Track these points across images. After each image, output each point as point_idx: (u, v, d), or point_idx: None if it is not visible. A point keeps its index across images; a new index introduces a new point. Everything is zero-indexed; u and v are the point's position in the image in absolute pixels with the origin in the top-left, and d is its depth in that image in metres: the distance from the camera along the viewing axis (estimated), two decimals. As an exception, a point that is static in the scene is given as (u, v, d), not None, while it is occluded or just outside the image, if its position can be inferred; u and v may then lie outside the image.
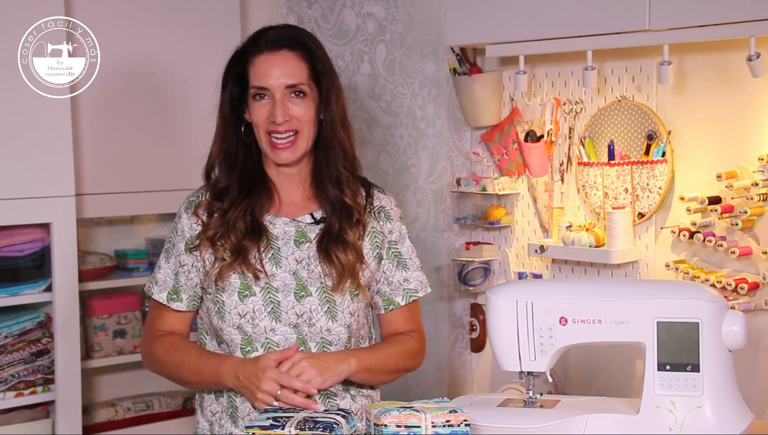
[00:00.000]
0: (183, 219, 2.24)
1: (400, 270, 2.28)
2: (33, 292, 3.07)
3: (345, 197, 2.22)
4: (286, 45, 2.17)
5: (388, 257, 2.27)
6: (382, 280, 2.28)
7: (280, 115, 2.14)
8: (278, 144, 2.17)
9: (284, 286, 2.17)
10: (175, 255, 2.23)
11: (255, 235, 2.18)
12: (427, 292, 2.32)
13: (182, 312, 2.25)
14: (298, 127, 2.17)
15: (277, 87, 2.15)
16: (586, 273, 2.82)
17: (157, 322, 2.27)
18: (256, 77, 2.16)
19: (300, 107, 2.16)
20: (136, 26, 3.22)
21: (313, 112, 2.18)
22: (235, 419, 2.19)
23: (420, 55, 3.23)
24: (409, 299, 2.29)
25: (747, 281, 2.44)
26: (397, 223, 2.29)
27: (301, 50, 2.18)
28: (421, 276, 2.31)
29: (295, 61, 2.17)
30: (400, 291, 2.28)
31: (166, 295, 2.24)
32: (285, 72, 2.15)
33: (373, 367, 2.20)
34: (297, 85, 2.16)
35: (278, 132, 2.16)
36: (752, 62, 2.33)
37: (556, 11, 2.61)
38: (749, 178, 2.44)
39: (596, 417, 2.08)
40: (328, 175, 2.22)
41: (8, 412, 3.05)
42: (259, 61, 2.16)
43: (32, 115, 2.95)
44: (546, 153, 2.85)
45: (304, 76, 2.17)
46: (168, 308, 2.25)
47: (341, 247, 2.18)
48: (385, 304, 2.29)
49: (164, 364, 2.23)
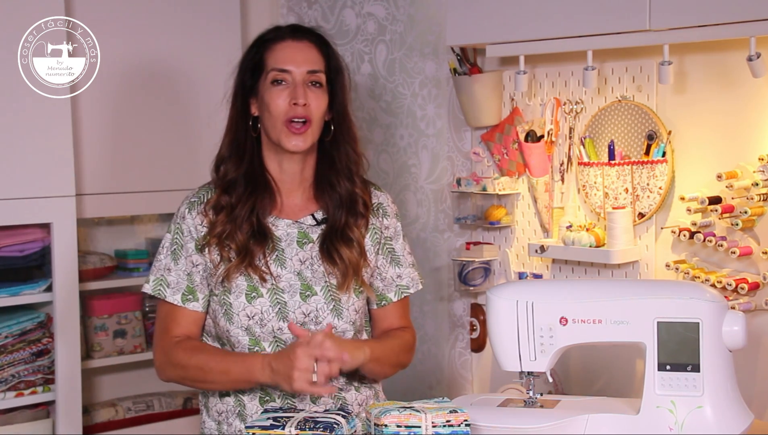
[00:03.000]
0: (187, 219, 2.23)
1: (394, 266, 2.30)
2: (33, 292, 3.07)
3: (356, 188, 2.24)
4: (308, 36, 2.23)
5: (383, 253, 2.29)
6: (375, 276, 2.29)
7: (300, 97, 2.16)
8: (296, 128, 2.17)
9: (290, 287, 2.18)
10: (184, 256, 2.21)
11: (261, 238, 2.19)
12: (418, 289, 2.34)
13: (198, 313, 2.22)
14: (313, 116, 2.18)
15: (298, 71, 2.18)
16: (586, 273, 2.82)
17: (172, 327, 2.22)
18: (278, 60, 2.19)
19: (317, 97, 2.19)
20: (136, 26, 3.22)
21: (325, 105, 2.21)
22: (243, 418, 2.19)
23: (420, 55, 3.23)
24: (400, 295, 2.31)
25: (747, 281, 2.44)
26: (393, 219, 2.31)
27: (321, 44, 2.24)
28: (413, 273, 2.33)
29: (315, 52, 2.22)
30: (392, 287, 2.30)
31: (180, 297, 2.21)
32: (307, 58, 2.20)
33: (381, 359, 2.21)
34: (316, 73, 2.19)
35: (297, 116, 2.16)
36: (752, 62, 2.33)
37: (556, 11, 2.61)
38: (749, 178, 2.44)
39: (596, 417, 2.08)
40: (340, 169, 2.24)
41: (8, 412, 3.05)
42: (282, 46, 2.21)
43: (32, 115, 2.95)
44: (546, 153, 2.85)
45: (323, 68, 2.22)
46: (182, 311, 2.21)
47: (345, 244, 2.20)
48: (378, 299, 2.30)
49: (188, 367, 2.18)
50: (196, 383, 2.22)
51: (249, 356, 2.15)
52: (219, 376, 2.16)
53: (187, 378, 2.21)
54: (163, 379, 2.26)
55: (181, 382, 2.25)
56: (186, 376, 2.20)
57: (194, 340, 2.23)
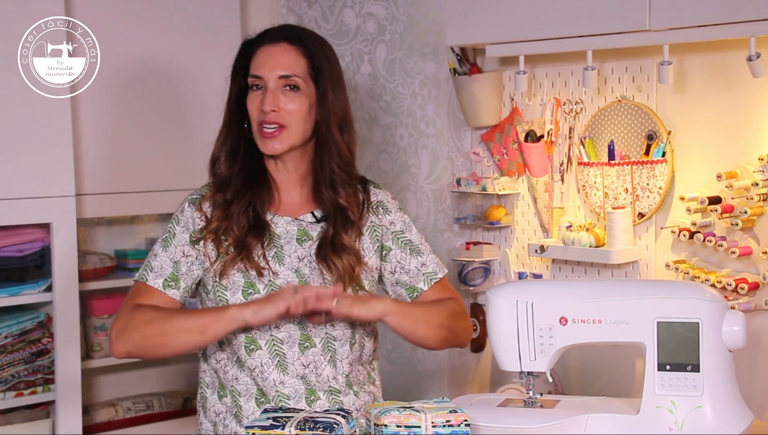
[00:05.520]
0: (186, 212, 2.23)
1: (415, 256, 2.29)
2: (33, 292, 3.07)
3: (339, 198, 2.22)
4: (286, 38, 2.20)
5: (399, 247, 2.28)
6: (397, 270, 2.28)
7: (268, 104, 2.15)
8: (266, 132, 2.17)
9: (287, 284, 2.17)
10: (175, 244, 2.21)
11: (258, 231, 2.19)
12: (444, 273, 2.31)
13: (174, 300, 2.19)
14: (286, 121, 2.17)
15: (270, 77, 2.17)
16: (586, 273, 2.82)
17: (140, 299, 2.16)
18: (254, 66, 2.19)
19: (292, 102, 2.17)
20: (136, 26, 3.22)
21: (305, 108, 2.18)
22: (239, 419, 2.19)
23: (420, 55, 3.23)
24: (430, 283, 2.29)
25: (747, 281, 2.44)
26: (397, 214, 2.31)
27: (301, 45, 2.20)
28: (435, 258, 2.32)
29: (293, 55, 2.19)
30: (420, 277, 2.28)
31: (162, 282, 2.19)
32: (280, 63, 2.17)
33: (411, 314, 2.18)
34: (290, 78, 2.17)
35: (266, 121, 2.16)
36: (752, 62, 2.33)
37: (556, 11, 2.61)
38: (749, 178, 2.44)
39: (596, 417, 2.08)
40: (322, 176, 2.22)
41: (8, 412, 3.05)
42: (260, 51, 2.20)
43: (32, 115, 2.95)
44: (546, 153, 2.85)
45: (301, 70, 2.18)
46: (159, 293, 2.18)
47: (338, 254, 2.19)
48: (409, 292, 2.29)
49: (152, 322, 2.09)
50: (157, 347, 2.11)
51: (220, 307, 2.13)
52: (185, 322, 2.10)
53: (148, 336, 2.10)
54: (120, 350, 2.13)
55: (138, 351, 2.13)
56: (147, 333, 2.10)
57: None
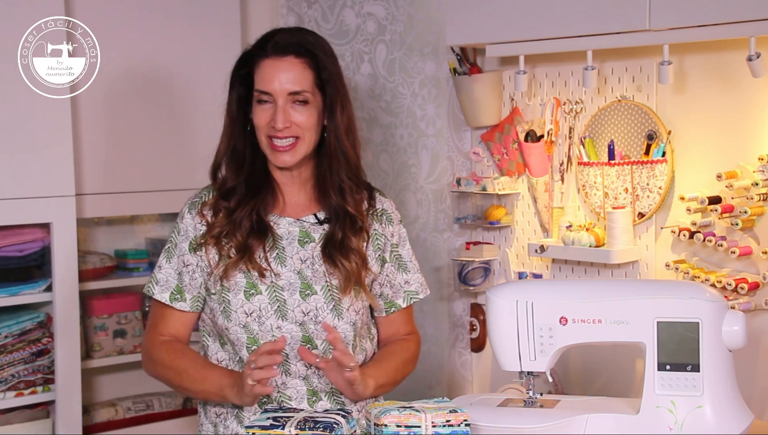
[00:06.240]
0: (186, 219, 2.23)
1: (402, 272, 2.30)
2: (33, 292, 3.07)
3: (347, 206, 2.22)
4: (293, 51, 2.16)
5: (391, 260, 2.29)
6: (385, 283, 2.29)
7: (280, 122, 2.14)
8: (278, 147, 2.16)
9: (289, 285, 2.18)
10: (177, 254, 2.23)
11: (260, 234, 2.19)
12: (426, 294, 2.35)
13: (185, 313, 2.23)
14: (299, 133, 2.16)
15: (279, 93, 2.14)
16: (586, 273, 2.82)
17: (160, 325, 2.25)
18: (261, 81, 2.16)
19: (302, 115, 2.16)
20: (136, 26, 3.22)
21: (315, 119, 2.18)
22: (240, 419, 2.20)
23: (420, 55, 3.23)
24: (409, 301, 2.32)
25: (747, 281, 2.44)
26: (398, 226, 2.31)
27: (308, 57, 2.17)
28: (421, 278, 2.34)
29: (300, 68, 2.16)
30: (401, 293, 2.31)
31: (168, 295, 2.22)
32: (289, 78, 2.14)
33: (386, 383, 2.24)
34: (300, 93, 2.15)
35: (278, 137, 2.16)
36: (752, 62, 2.33)
37: (556, 11, 2.61)
38: (749, 178, 2.44)
39: (596, 417, 2.08)
40: (331, 183, 2.22)
41: (8, 412, 3.05)
42: (265, 65, 2.16)
43: (32, 115, 2.95)
44: (546, 153, 2.85)
45: (308, 83, 2.16)
46: (171, 309, 2.23)
47: (345, 255, 2.19)
48: (387, 306, 2.31)
49: (167, 368, 2.21)
50: (173, 385, 2.25)
51: (225, 371, 2.18)
52: (194, 384, 2.19)
53: (164, 378, 2.24)
54: (147, 372, 2.29)
55: (160, 380, 2.27)
56: (164, 375, 2.23)
57: (180, 342, 2.25)
